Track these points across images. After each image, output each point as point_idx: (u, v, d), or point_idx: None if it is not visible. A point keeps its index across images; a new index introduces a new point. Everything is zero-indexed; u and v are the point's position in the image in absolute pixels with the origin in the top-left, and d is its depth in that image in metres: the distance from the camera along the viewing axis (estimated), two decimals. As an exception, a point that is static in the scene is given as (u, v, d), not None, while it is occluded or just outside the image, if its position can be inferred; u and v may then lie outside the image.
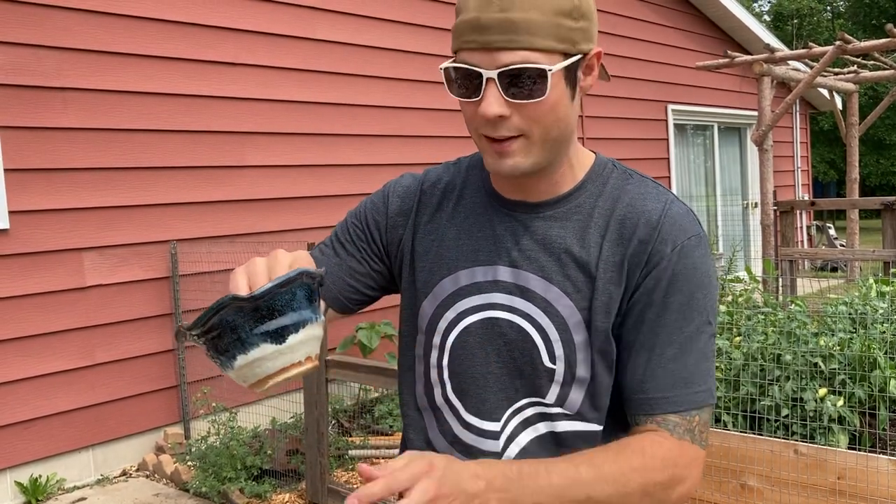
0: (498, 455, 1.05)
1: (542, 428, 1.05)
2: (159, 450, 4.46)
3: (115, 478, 4.30)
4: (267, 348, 0.77)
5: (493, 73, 0.93)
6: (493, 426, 1.06)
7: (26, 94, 3.99)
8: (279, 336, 0.76)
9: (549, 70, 0.93)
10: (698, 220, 1.06)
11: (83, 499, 4.02)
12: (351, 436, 4.61)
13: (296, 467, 4.10)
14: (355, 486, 4.01)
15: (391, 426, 4.72)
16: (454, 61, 0.98)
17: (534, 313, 1.03)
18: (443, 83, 1.00)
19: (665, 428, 0.99)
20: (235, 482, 3.93)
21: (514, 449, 1.05)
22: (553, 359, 1.03)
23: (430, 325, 1.10)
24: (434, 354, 1.10)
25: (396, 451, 4.41)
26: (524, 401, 1.05)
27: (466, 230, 1.10)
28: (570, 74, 0.98)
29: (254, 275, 0.84)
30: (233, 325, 0.74)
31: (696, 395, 1.00)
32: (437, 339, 1.10)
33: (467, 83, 0.96)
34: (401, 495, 0.79)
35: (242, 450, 4.05)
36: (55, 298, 4.10)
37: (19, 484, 3.97)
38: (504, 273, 1.05)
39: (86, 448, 4.25)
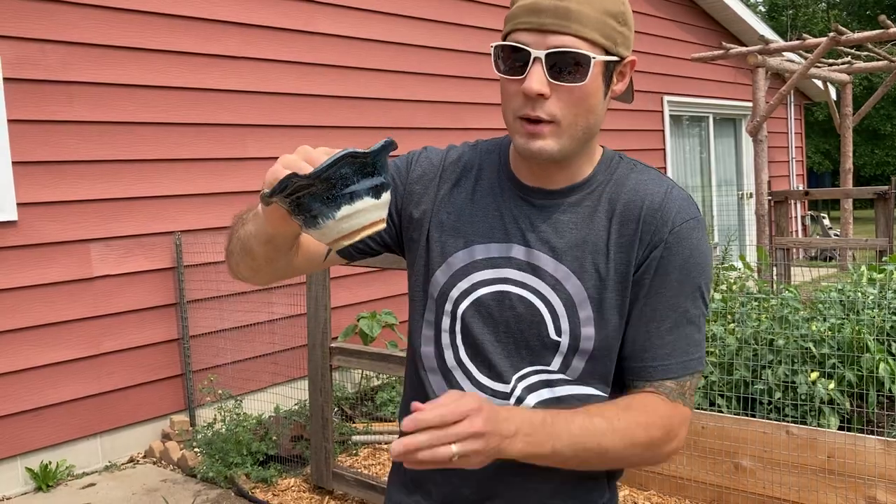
0: None
1: (545, 393, 1.13)
2: (165, 437, 4.54)
3: (122, 464, 4.38)
4: (368, 201, 0.85)
5: (542, 53, 1.02)
6: (504, 388, 1.14)
7: (33, 88, 4.06)
8: (378, 192, 0.85)
9: (593, 58, 1.03)
10: (696, 204, 1.15)
11: (92, 485, 4.10)
12: (354, 422, 4.70)
13: (300, 453, 4.19)
14: (360, 470, 4.10)
15: (393, 413, 4.81)
16: (504, 41, 1.07)
17: (543, 290, 1.12)
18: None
19: (662, 392, 1.10)
20: (241, 467, 4.02)
21: None
22: (559, 332, 1.11)
23: (443, 292, 1.17)
24: (446, 320, 1.18)
25: (396, 437, 4.50)
26: (528, 368, 1.13)
27: (483, 208, 1.17)
28: (608, 72, 1.08)
29: (295, 162, 0.91)
30: (344, 177, 0.82)
31: (690, 363, 1.11)
32: (448, 307, 1.17)
33: (515, 61, 1.05)
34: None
35: (248, 436, 4.14)
36: (63, 289, 4.18)
37: (30, 470, 4.05)
38: (518, 251, 1.14)
39: (94, 435, 4.33)
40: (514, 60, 1.05)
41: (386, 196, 0.87)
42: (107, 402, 4.36)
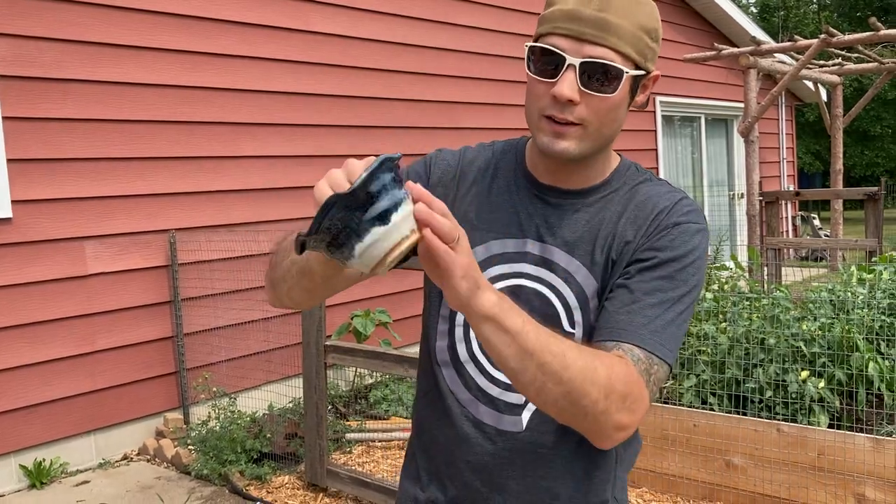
0: (521, 406, 1.16)
1: None
2: (159, 434, 4.55)
3: (116, 462, 4.39)
4: (377, 231, 0.86)
5: (577, 61, 1.05)
6: None
7: (28, 86, 4.06)
8: (384, 218, 0.86)
9: (626, 72, 1.06)
10: (704, 217, 1.18)
11: (86, 482, 4.11)
12: (347, 420, 4.71)
13: (294, 451, 4.21)
14: (354, 468, 4.12)
15: (386, 411, 4.83)
16: (540, 43, 1.09)
17: (556, 283, 1.15)
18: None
19: (630, 358, 1.03)
20: (236, 465, 4.03)
21: None
22: (572, 324, 1.14)
23: None
24: (461, 315, 1.19)
25: (393, 434, 4.52)
26: None
27: (499, 206, 1.20)
28: (634, 84, 1.11)
29: (338, 178, 0.90)
30: (343, 220, 0.84)
31: (662, 348, 1.06)
32: None
33: (548, 64, 1.08)
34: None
35: (242, 434, 4.15)
36: (57, 286, 4.18)
37: (23, 467, 4.05)
38: (532, 246, 1.17)
39: (87, 433, 4.33)
40: (547, 63, 1.08)
41: (397, 216, 0.87)
42: (101, 399, 4.36)
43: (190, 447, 4.30)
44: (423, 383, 1.28)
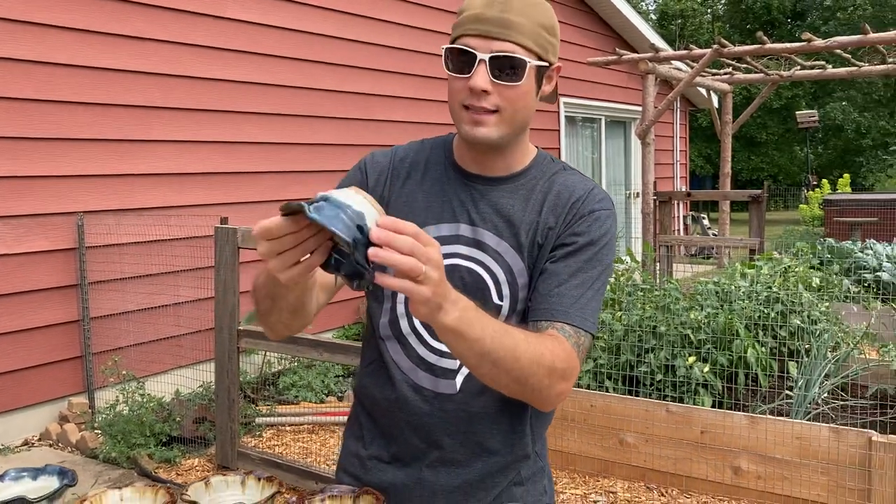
0: (455, 371, 1.31)
1: None
2: (63, 419, 4.48)
3: (16, 447, 4.30)
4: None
5: (486, 56, 1.21)
6: None
7: (-71, 60, 3.93)
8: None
9: (528, 62, 1.23)
10: (612, 202, 1.37)
11: (-15, 467, 4.02)
12: (257, 405, 4.77)
13: (204, 434, 4.24)
14: (265, 450, 4.18)
15: (296, 396, 4.91)
16: (454, 44, 1.24)
17: (487, 262, 1.30)
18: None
19: (562, 334, 1.22)
20: (144, 448, 4.03)
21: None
22: (501, 297, 1.30)
23: None
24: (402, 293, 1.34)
25: (302, 418, 4.60)
26: None
27: (433, 195, 1.35)
28: (539, 75, 1.28)
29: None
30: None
31: (586, 321, 1.26)
32: None
33: (462, 62, 1.23)
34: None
35: (151, 417, 4.15)
36: (-43, 267, 4.07)
37: (-82, 453, 3.94)
38: (465, 230, 1.32)
39: (-14, 418, 4.24)
40: (462, 61, 1.24)
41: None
42: (0, 383, 4.26)
43: (96, 431, 4.26)
44: (367, 356, 1.42)
